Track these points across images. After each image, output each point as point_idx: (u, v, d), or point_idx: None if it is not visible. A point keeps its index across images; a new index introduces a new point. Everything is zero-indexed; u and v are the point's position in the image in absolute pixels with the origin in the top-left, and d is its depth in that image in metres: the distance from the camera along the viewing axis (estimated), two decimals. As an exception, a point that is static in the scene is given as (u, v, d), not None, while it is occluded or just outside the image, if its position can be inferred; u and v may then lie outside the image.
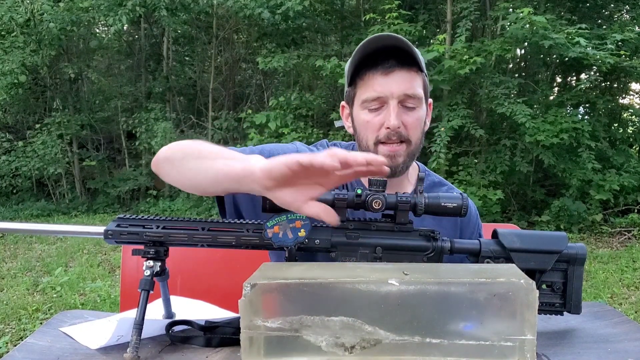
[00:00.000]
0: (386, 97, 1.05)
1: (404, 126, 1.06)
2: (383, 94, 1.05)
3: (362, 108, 1.08)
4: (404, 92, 1.05)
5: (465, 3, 5.93)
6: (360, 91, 1.08)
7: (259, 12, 6.23)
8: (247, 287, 0.70)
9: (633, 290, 4.08)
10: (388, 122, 1.04)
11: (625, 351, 0.84)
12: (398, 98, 1.05)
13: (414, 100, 1.06)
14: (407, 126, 1.06)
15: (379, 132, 1.06)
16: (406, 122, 1.06)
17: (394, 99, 1.04)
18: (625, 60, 5.49)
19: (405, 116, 1.06)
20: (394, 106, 1.04)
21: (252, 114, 6.57)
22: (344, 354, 0.70)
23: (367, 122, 1.07)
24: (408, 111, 1.07)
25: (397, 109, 1.05)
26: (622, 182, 5.77)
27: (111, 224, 0.87)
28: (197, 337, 0.88)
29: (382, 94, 1.05)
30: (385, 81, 1.04)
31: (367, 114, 1.07)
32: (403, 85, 1.04)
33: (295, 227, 0.85)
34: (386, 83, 1.04)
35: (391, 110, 1.04)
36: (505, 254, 0.89)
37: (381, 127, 1.06)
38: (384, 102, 1.05)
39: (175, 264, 1.03)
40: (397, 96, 1.04)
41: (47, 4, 6.76)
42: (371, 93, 1.05)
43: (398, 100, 1.05)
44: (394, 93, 1.04)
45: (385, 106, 1.06)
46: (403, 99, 1.05)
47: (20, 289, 4.07)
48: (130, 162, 8.40)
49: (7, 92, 6.95)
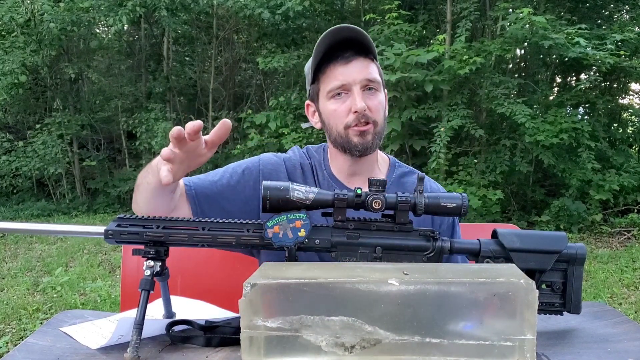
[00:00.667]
0: (349, 84, 1.12)
1: (369, 109, 1.12)
2: (346, 81, 1.12)
3: (328, 98, 1.15)
4: (365, 77, 1.12)
5: (465, 3, 5.93)
6: (323, 84, 1.15)
7: (259, 12, 6.23)
8: (247, 287, 0.70)
9: (633, 290, 4.08)
10: (354, 106, 1.11)
11: (625, 351, 0.84)
12: (360, 83, 1.12)
13: (375, 84, 1.14)
14: (371, 109, 1.13)
15: (347, 117, 1.13)
16: (370, 105, 1.13)
17: (356, 85, 1.12)
18: (625, 61, 5.49)
19: (368, 100, 1.13)
20: (357, 91, 1.12)
21: (252, 114, 6.57)
22: (344, 353, 0.70)
23: (335, 110, 1.14)
24: (370, 95, 1.14)
25: (360, 93, 1.12)
26: (622, 182, 5.77)
27: (111, 224, 0.87)
28: (197, 337, 0.89)
29: (345, 82, 1.12)
30: (346, 69, 1.12)
31: (334, 102, 1.14)
32: (363, 71, 1.12)
33: (295, 227, 0.86)
34: (347, 71, 1.12)
35: (355, 95, 1.11)
36: (505, 253, 0.90)
37: (349, 113, 1.13)
38: (348, 89, 1.12)
39: (176, 264, 1.03)
40: (359, 81, 1.12)
41: (48, 4, 6.76)
42: (335, 82, 1.12)
43: (360, 86, 1.12)
44: (356, 79, 1.12)
45: (349, 93, 1.13)
46: (365, 84, 1.13)
47: (20, 289, 4.08)
48: (131, 162, 8.40)
49: (7, 92, 6.95)
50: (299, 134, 6.13)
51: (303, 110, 6.85)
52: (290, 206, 0.87)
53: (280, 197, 0.86)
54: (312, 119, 1.24)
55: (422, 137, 6.02)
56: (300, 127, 6.33)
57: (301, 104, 6.53)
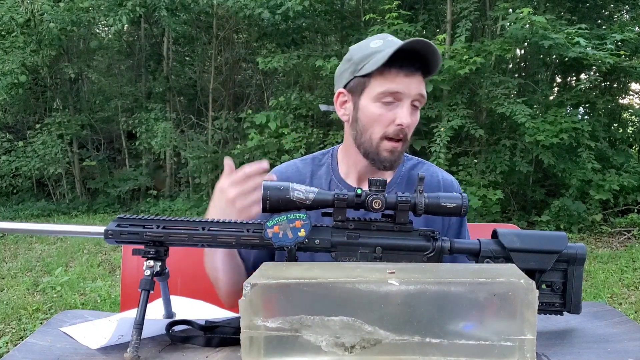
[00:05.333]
0: (403, 95, 1.10)
1: (408, 126, 1.12)
2: (403, 91, 1.10)
3: (375, 100, 1.11)
4: (418, 92, 1.11)
5: (465, 3, 5.93)
6: (377, 83, 1.11)
7: (259, 12, 6.23)
8: (247, 287, 0.70)
9: (633, 290, 4.08)
10: (401, 119, 1.10)
11: (625, 351, 0.84)
12: (413, 98, 1.11)
13: (422, 101, 1.14)
14: (410, 126, 1.13)
15: (387, 127, 1.11)
16: (412, 122, 1.13)
17: (409, 98, 1.11)
18: (625, 60, 5.49)
19: (412, 117, 1.13)
20: (407, 105, 1.11)
21: (252, 114, 6.57)
22: (344, 354, 0.70)
23: (380, 115, 1.11)
24: (414, 111, 1.14)
25: (410, 108, 1.11)
26: (622, 182, 5.77)
27: (111, 224, 0.87)
28: (197, 337, 0.88)
29: (402, 91, 1.10)
30: (407, 81, 1.10)
31: (380, 107, 1.11)
32: (419, 87, 1.12)
33: (295, 227, 0.86)
34: (407, 83, 1.10)
35: (405, 108, 1.10)
36: (505, 253, 0.90)
37: (391, 123, 1.11)
38: (399, 99, 1.11)
39: (176, 264, 1.03)
40: (413, 96, 1.11)
41: (47, 4, 6.76)
42: (392, 87, 1.10)
43: (412, 100, 1.12)
44: (412, 93, 1.11)
45: (399, 104, 1.11)
46: (416, 99, 1.12)
47: (20, 289, 4.08)
48: (131, 162, 8.40)
49: (7, 92, 6.95)
50: (299, 134, 6.13)
51: (303, 110, 6.88)
52: (290, 206, 0.86)
53: (280, 197, 0.86)
54: (340, 109, 1.19)
55: (422, 137, 6.02)
56: (300, 127, 6.33)
57: (301, 104, 6.53)
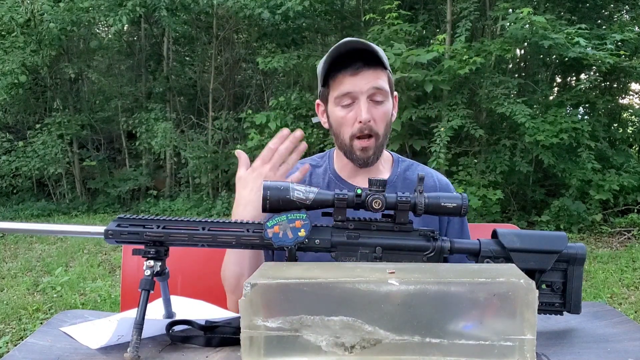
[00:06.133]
0: (356, 94, 1.17)
1: (373, 120, 1.18)
2: (353, 90, 1.17)
3: (336, 104, 1.20)
4: (372, 86, 1.17)
5: (465, 3, 5.93)
6: (333, 90, 1.20)
7: (259, 12, 6.23)
8: (247, 287, 0.70)
9: (633, 290, 4.08)
10: (360, 116, 1.16)
11: (625, 351, 0.84)
12: (367, 93, 1.17)
13: (382, 94, 1.19)
14: (375, 120, 1.18)
15: (352, 127, 1.19)
16: (375, 116, 1.18)
17: (363, 95, 1.17)
18: (625, 61, 5.49)
19: (374, 110, 1.18)
20: (363, 101, 1.17)
21: (252, 114, 6.57)
22: (344, 353, 0.70)
23: (342, 117, 1.20)
24: (377, 105, 1.19)
25: (366, 104, 1.17)
26: (622, 182, 5.77)
27: (111, 224, 0.87)
28: (197, 337, 0.88)
29: (352, 91, 1.17)
30: (355, 79, 1.16)
31: (341, 110, 1.19)
32: (371, 81, 1.17)
33: (295, 227, 0.85)
34: (355, 81, 1.16)
35: (362, 105, 1.17)
36: (505, 253, 0.90)
37: (354, 123, 1.18)
38: (355, 98, 1.18)
39: (176, 263, 1.03)
40: (366, 91, 1.17)
41: (47, 4, 6.76)
42: (342, 90, 1.18)
43: (367, 95, 1.17)
44: (363, 89, 1.16)
45: (357, 102, 1.18)
46: (372, 94, 1.17)
47: (20, 289, 4.08)
48: (131, 162, 8.40)
49: (7, 92, 6.95)
50: (299, 134, 6.11)
51: (303, 110, 6.88)
52: (290, 206, 0.86)
53: (280, 197, 0.86)
54: (322, 118, 1.30)
55: (422, 137, 6.02)
56: (301, 127, 6.32)
57: (301, 104, 6.53)
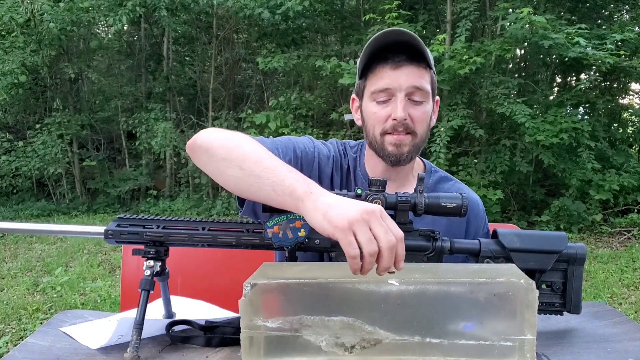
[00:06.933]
0: (394, 90, 1.08)
1: (410, 119, 1.08)
2: (391, 86, 1.07)
3: (371, 100, 1.11)
4: (412, 84, 1.07)
5: (465, 3, 5.93)
6: (369, 83, 1.11)
7: (259, 12, 6.23)
8: (247, 287, 0.70)
9: (633, 290, 4.08)
10: (395, 113, 1.07)
11: (625, 351, 0.84)
12: (406, 91, 1.07)
13: (421, 94, 1.09)
14: (413, 119, 1.09)
15: (385, 123, 1.09)
16: (413, 115, 1.09)
17: (401, 92, 1.07)
18: (625, 60, 5.49)
19: (412, 109, 1.09)
20: (401, 99, 1.07)
21: (252, 114, 6.57)
22: (344, 353, 0.70)
23: (375, 113, 1.10)
24: (415, 105, 1.09)
25: (404, 101, 1.08)
26: (622, 182, 5.77)
27: (111, 224, 0.87)
28: (197, 337, 0.88)
29: (390, 86, 1.07)
30: (394, 74, 1.07)
31: (375, 105, 1.10)
32: (411, 79, 1.07)
33: (295, 227, 0.85)
34: (395, 76, 1.07)
35: (398, 103, 1.07)
36: (505, 254, 0.90)
37: (388, 119, 1.09)
38: (392, 95, 1.08)
39: (175, 264, 1.03)
40: (404, 89, 1.07)
41: (47, 4, 6.76)
42: (379, 84, 1.08)
43: (405, 93, 1.08)
44: (402, 86, 1.07)
45: (393, 99, 1.08)
46: (411, 92, 1.08)
47: (20, 289, 4.07)
48: (131, 162, 8.40)
49: (7, 92, 6.95)
50: (299, 134, 6.12)
51: (303, 110, 6.89)
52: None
53: (281, 197, 0.86)
54: (355, 115, 1.21)
55: (422, 137, 6.01)
56: (301, 127, 6.33)
57: (301, 104, 6.53)
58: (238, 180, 0.89)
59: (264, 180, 0.85)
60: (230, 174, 0.90)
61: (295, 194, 0.80)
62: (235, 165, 0.89)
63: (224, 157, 0.91)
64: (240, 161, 0.88)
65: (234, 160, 0.89)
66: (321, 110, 6.94)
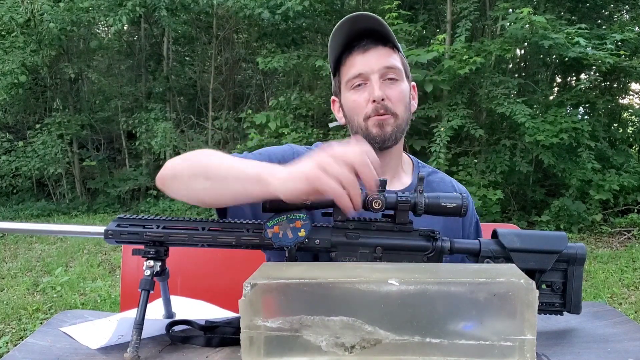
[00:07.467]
0: (367, 73, 1.10)
1: (388, 99, 1.10)
2: (363, 70, 1.10)
3: (348, 89, 1.13)
4: (383, 65, 1.10)
5: (465, 3, 5.94)
6: (343, 75, 1.14)
7: (258, 12, 6.23)
8: (247, 287, 0.70)
9: (633, 290, 4.08)
10: (372, 94, 1.09)
11: (625, 351, 0.84)
12: (379, 72, 1.10)
13: (395, 72, 1.11)
14: (391, 99, 1.10)
15: (366, 108, 1.11)
16: (390, 95, 1.10)
17: (374, 74, 1.09)
18: (625, 60, 5.49)
19: (388, 90, 1.10)
20: (375, 80, 1.09)
21: (252, 114, 6.57)
22: (344, 353, 0.70)
23: (354, 101, 1.12)
24: (391, 84, 1.11)
25: (379, 82, 1.09)
26: (622, 182, 5.77)
27: (111, 224, 0.87)
28: (197, 337, 0.88)
29: (362, 70, 1.10)
30: (364, 59, 1.10)
31: (353, 93, 1.12)
32: (382, 59, 1.10)
33: (295, 227, 0.85)
34: (365, 60, 1.10)
35: (374, 84, 1.09)
36: (505, 254, 0.89)
37: (368, 103, 1.10)
38: (367, 79, 1.10)
39: (175, 264, 1.03)
40: (377, 70, 1.09)
41: (47, 4, 6.76)
42: (352, 72, 1.11)
43: (379, 75, 1.10)
44: (374, 68, 1.09)
45: (369, 82, 1.10)
46: (384, 72, 1.10)
47: (20, 289, 4.07)
48: (131, 162, 8.40)
49: (7, 92, 6.95)
50: (299, 134, 6.13)
51: (303, 110, 6.89)
52: (290, 206, 0.86)
53: (281, 197, 0.86)
54: (338, 115, 1.21)
55: (422, 137, 6.02)
56: (300, 127, 6.33)
57: (301, 104, 6.53)
58: (208, 190, 0.90)
59: (230, 179, 0.87)
60: (201, 188, 0.91)
61: (260, 177, 0.82)
62: (201, 177, 0.90)
63: (189, 175, 0.92)
64: (204, 172, 0.90)
65: (199, 173, 0.90)
66: (321, 110, 6.94)
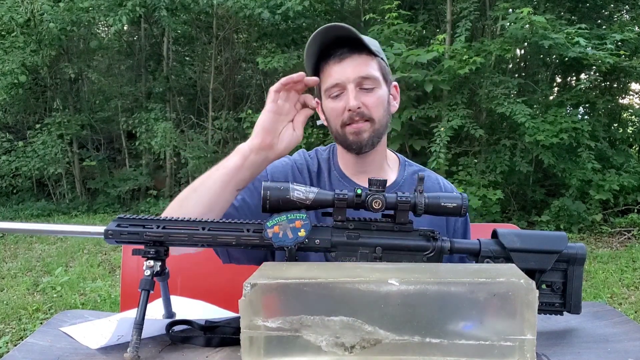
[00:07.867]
0: (343, 83, 1.12)
1: (364, 106, 1.12)
2: (340, 80, 1.12)
3: (326, 97, 1.16)
4: (358, 74, 1.12)
5: (465, 3, 5.94)
6: (322, 83, 1.17)
7: (258, 12, 6.23)
8: (247, 287, 0.70)
9: (633, 290, 4.08)
10: (348, 104, 1.11)
11: (625, 351, 0.84)
12: (354, 82, 1.12)
13: (371, 81, 1.13)
14: (367, 106, 1.13)
15: (343, 115, 1.14)
16: (366, 102, 1.12)
17: (350, 83, 1.12)
18: (625, 60, 5.49)
19: (364, 97, 1.13)
20: (351, 89, 1.12)
21: (252, 114, 6.57)
22: (344, 353, 0.70)
23: (332, 109, 1.15)
24: (367, 92, 1.13)
25: (354, 91, 1.12)
26: (622, 182, 5.77)
27: (111, 224, 0.87)
28: (197, 337, 0.88)
29: (338, 80, 1.12)
30: (340, 68, 1.12)
31: (331, 101, 1.15)
32: (357, 68, 1.12)
33: (295, 227, 0.85)
34: (341, 70, 1.12)
35: (349, 94, 1.12)
36: (505, 254, 0.90)
37: (344, 111, 1.13)
38: (343, 88, 1.13)
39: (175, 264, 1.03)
40: (353, 80, 1.12)
41: (47, 4, 6.76)
42: (329, 81, 1.14)
43: (355, 84, 1.12)
44: (350, 78, 1.12)
45: (345, 91, 1.13)
46: (359, 82, 1.12)
47: (20, 289, 4.07)
48: (131, 162, 8.40)
49: (7, 92, 6.95)
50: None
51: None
52: (290, 206, 0.86)
53: (280, 197, 0.86)
54: (322, 116, 1.24)
55: (422, 137, 6.02)
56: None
57: (301, 104, 6.52)
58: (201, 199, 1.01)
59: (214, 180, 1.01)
60: (194, 202, 1.01)
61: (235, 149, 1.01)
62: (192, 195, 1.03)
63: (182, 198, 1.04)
64: (192, 190, 1.03)
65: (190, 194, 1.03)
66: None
